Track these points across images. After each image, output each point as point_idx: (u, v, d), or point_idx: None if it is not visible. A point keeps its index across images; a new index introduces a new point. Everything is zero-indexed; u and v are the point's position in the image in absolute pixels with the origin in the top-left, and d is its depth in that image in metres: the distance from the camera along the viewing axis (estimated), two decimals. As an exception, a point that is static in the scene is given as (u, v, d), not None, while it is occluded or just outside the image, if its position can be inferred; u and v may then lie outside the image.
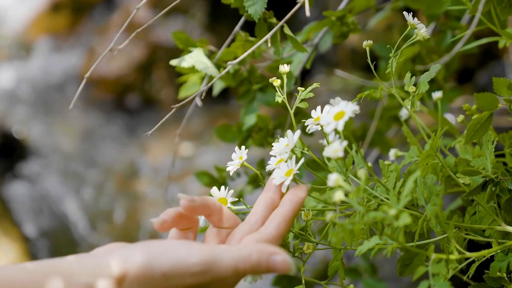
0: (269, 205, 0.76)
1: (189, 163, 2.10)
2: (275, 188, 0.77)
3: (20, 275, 0.63)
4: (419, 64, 1.19)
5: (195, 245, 0.69)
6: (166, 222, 0.74)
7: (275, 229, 0.73)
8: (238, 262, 0.69)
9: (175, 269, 0.67)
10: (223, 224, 0.77)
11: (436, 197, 0.74)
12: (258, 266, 0.70)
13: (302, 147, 0.83)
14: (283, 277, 1.19)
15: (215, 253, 0.69)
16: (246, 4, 0.96)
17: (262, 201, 0.77)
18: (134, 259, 0.66)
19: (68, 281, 0.64)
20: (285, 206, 0.74)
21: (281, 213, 0.74)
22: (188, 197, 0.74)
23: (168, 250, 0.68)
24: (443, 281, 0.71)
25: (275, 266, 0.70)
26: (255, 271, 0.70)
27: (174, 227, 0.76)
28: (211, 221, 0.77)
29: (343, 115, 0.74)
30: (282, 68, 0.86)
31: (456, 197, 1.09)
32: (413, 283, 1.45)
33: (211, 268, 0.68)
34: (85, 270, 0.65)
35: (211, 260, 0.68)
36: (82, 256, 0.67)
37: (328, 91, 2.16)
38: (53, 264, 0.65)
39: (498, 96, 0.84)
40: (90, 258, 0.67)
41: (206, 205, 0.75)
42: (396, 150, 0.98)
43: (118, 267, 0.66)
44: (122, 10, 2.58)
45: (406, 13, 0.85)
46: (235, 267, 0.69)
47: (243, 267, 0.69)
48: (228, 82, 1.11)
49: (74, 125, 2.47)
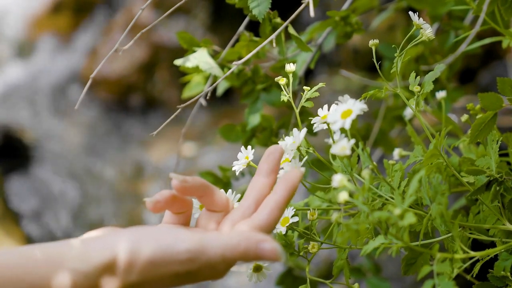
0: (262, 189, 0.75)
1: (192, 163, 2.11)
2: (266, 172, 0.76)
3: (7, 258, 0.64)
4: (422, 64, 1.19)
5: (184, 232, 0.68)
6: (159, 203, 0.73)
7: (268, 215, 0.72)
8: (226, 250, 0.68)
9: (162, 256, 0.66)
10: (215, 206, 0.76)
11: (441, 197, 0.74)
12: (246, 254, 0.69)
13: (307, 146, 0.84)
14: (287, 277, 1.19)
15: (203, 241, 0.68)
16: (251, 5, 0.96)
17: (254, 185, 0.76)
18: (122, 246, 0.66)
19: (57, 267, 0.64)
20: (278, 193, 0.73)
21: (274, 200, 0.73)
22: (180, 177, 0.73)
23: (156, 237, 0.67)
24: (447, 280, 0.71)
25: (263, 254, 0.69)
26: (243, 259, 0.69)
27: (168, 209, 0.75)
28: (203, 202, 0.76)
29: (351, 113, 0.74)
30: (288, 67, 0.86)
31: (460, 197, 1.10)
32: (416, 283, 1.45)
33: (198, 256, 0.67)
34: (73, 257, 0.65)
35: (199, 248, 0.67)
36: (71, 242, 0.67)
37: (331, 91, 2.16)
38: (43, 249, 0.65)
39: (502, 96, 0.85)
40: (80, 244, 0.66)
41: (199, 186, 0.74)
42: (400, 149, 0.98)
43: (106, 254, 0.65)
44: (124, 10, 2.58)
45: (412, 13, 0.85)
46: (222, 255, 0.68)
47: (231, 256, 0.68)
48: (232, 82, 1.11)
49: (76, 125, 2.47)
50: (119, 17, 2.58)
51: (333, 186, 0.69)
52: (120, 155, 2.33)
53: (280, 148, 0.77)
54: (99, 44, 2.58)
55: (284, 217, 0.81)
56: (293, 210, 0.81)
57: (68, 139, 2.41)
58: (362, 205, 0.69)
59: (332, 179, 0.69)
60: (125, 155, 2.33)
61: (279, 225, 0.82)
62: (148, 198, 0.73)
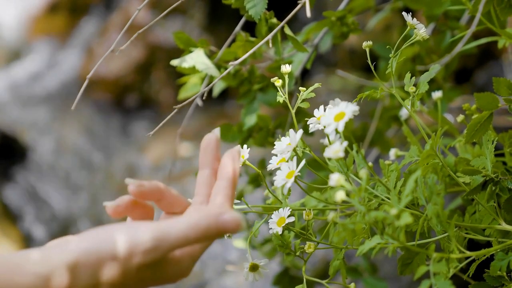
0: (209, 181, 0.75)
1: (189, 164, 2.11)
2: (208, 163, 0.76)
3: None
4: (418, 64, 1.19)
5: (142, 224, 0.68)
6: (120, 207, 0.73)
7: (221, 200, 0.72)
8: (188, 230, 0.68)
9: (125, 249, 0.66)
10: (174, 209, 0.75)
11: (437, 197, 0.74)
12: (209, 230, 0.68)
13: (303, 147, 0.84)
14: (284, 277, 1.19)
15: (163, 227, 0.67)
16: (247, 5, 0.97)
17: (201, 180, 0.76)
18: (82, 245, 0.66)
19: (18, 272, 0.63)
20: (224, 179, 0.74)
21: (222, 186, 0.73)
22: (137, 181, 0.73)
23: (115, 234, 0.67)
24: (444, 280, 0.71)
25: (225, 226, 0.69)
26: (207, 236, 0.69)
27: (128, 215, 0.75)
28: (161, 206, 0.75)
29: (343, 116, 0.75)
30: (284, 68, 0.86)
31: (456, 197, 1.10)
32: (412, 282, 1.45)
33: (161, 242, 0.67)
34: (36, 262, 0.65)
35: (160, 234, 0.67)
36: (34, 249, 0.67)
37: (327, 91, 2.17)
38: (3, 256, 0.65)
39: (498, 96, 0.85)
40: (40, 251, 0.66)
41: (155, 189, 0.74)
42: (396, 149, 0.98)
43: (68, 255, 0.65)
44: (120, 10, 2.58)
45: (406, 13, 0.85)
46: (185, 236, 0.68)
47: (194, 235, 0.68)
48: (229, 82, 1.11)
49: (72, 125, 2.47)
50: (115, 17, 2.58)
51: (330, 185, 0.70)
52: (116, 155, 2.33)
53: (213, 136, 0.76)
54: (95, 45, 2.58)
55: (280, 217, 0.82)
56: (289, 210, 0.81)
57: (64, 139, 2.40)
58: (358, 205, 0.69)
59: (329, 179, 0.69)
60: (121, 155, 2.33)
61: (276, 226, 0.82)
62: (108, 202, 0.73)
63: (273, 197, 0.86)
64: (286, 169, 0.79)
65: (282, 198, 0.84)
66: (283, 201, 0.84)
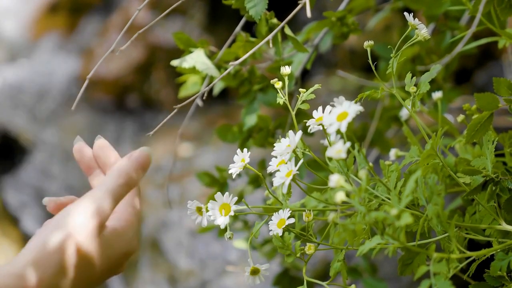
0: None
1: (189, 164, 2.10)
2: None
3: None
4: (418, 65, 1.19)
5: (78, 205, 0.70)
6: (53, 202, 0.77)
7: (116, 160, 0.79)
8: (112, 189, 0.71)
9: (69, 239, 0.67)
10: (110, 165, 0.80)
11: (438, 197, 0.74)
12: (129, 176, 0.72)
13: (303, 148, 0.84)
14: (284, 277, 1.19)
15: (93, 200, 0.70)
16: (248, 5, 0.97)
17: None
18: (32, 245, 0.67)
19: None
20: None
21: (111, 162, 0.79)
22: (52, 199, 0.77)
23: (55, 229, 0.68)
24: (444, 280, 0.71)
25: (139, 161, 0.74)
26: (130, 182, 0.72)
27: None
28: (103, 170, 0.81)
29: (346, 116, 0.74)
30: (284, 70, 0.86)
31: (456, 197, 1.10)
32: (412, 283, 1.45)
33: (101, 210, 0.69)
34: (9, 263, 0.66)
35: (96, 206, 0.69)
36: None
37: (327, 92, 2.16)
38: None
39: (498, 96, 0.85)
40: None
41: (73, 200, 0.76)
42: (397, 150, 0.98)
43: (28, 256, 0.66)
44: (120, 11, 2.58)
45: (407, 13, 0.85)
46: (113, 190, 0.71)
47: (119, 190, 0.71)
48: (229, 83, 1.11)
49: (73, 126, 2.47)
50: (115, 17, 2.58)
51: (330, 186, 0.69)
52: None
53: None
54: (95, 45, 2.58)
55: (280, 219, 0.81)
56: (289, 212, 0.81)
57: (64, 140, 2.40)
58: (359, 206, 0.69)
59: (329, 179, 0.69)
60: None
61: (276, 227, 0.81)
62: (46, 198, 0.76)
63: (273, 197, 0.86)
64: (285, 169, 0.78)
65: (282, 199, 0.84)
66: (284, 202, 0.84)
